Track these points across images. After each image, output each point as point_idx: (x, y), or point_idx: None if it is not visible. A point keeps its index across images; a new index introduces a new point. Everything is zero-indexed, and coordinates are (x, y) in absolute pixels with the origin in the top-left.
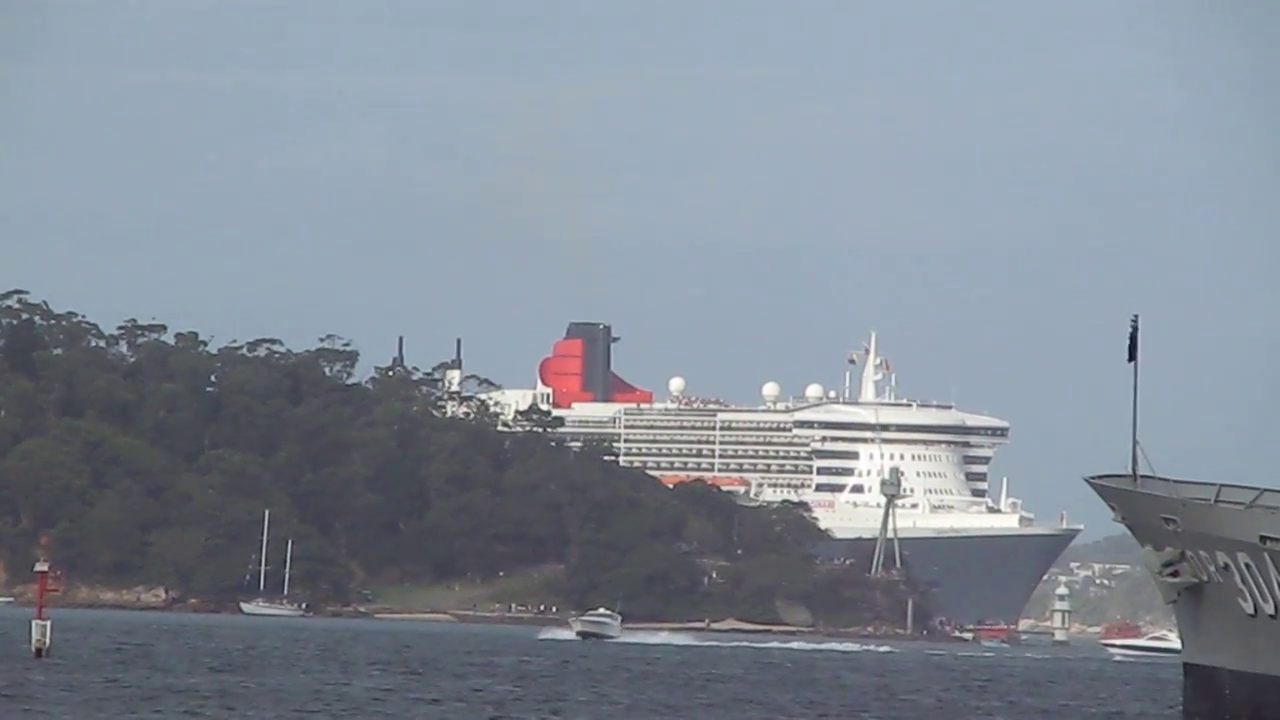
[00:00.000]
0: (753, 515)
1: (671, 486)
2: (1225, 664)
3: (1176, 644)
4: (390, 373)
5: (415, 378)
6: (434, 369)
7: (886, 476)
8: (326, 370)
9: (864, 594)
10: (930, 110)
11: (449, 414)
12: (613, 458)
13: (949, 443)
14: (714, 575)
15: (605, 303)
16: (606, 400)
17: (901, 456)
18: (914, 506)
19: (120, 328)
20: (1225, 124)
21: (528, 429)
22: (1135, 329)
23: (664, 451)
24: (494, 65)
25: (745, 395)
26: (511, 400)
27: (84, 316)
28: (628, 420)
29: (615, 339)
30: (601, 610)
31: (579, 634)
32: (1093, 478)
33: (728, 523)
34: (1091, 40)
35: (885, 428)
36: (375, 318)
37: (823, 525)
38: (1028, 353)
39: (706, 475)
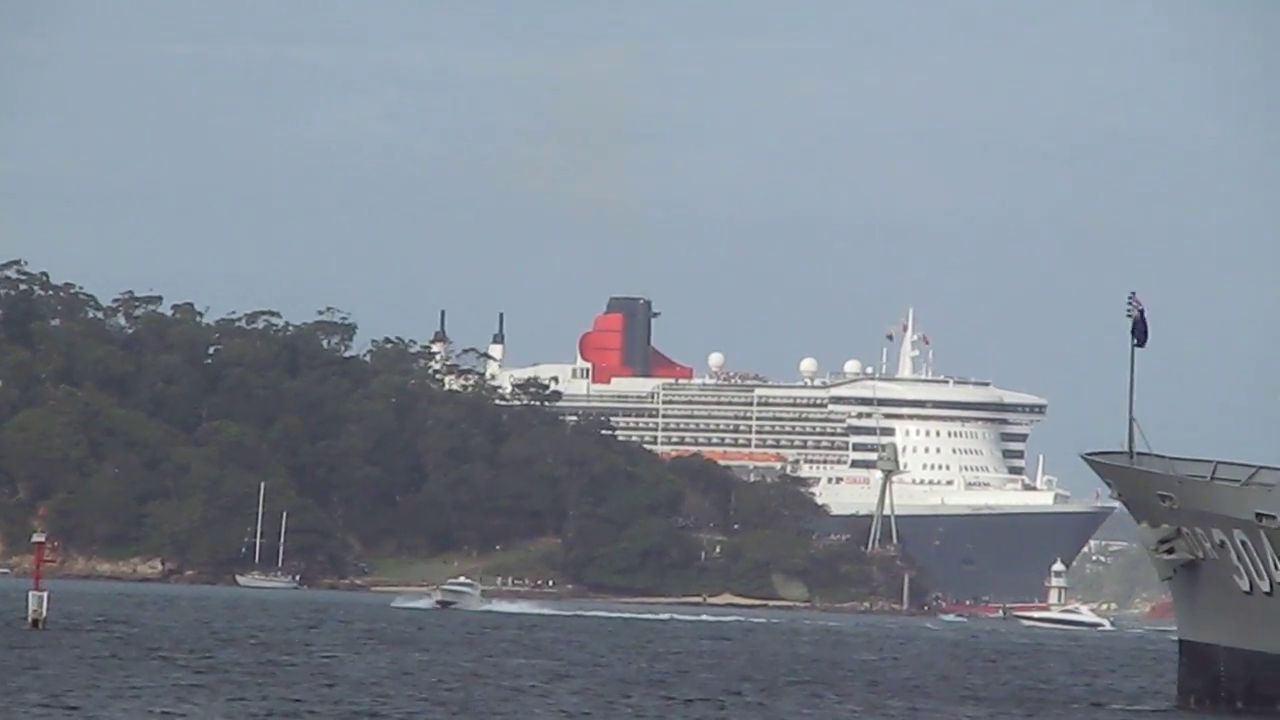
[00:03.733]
0: (750, 490)
1: (668, 461)
2: (1220, 641)
3: (1088, 618)
4: (431, 346)
5: (413, 350)
6: (430, 342)
7: (883, 451)
8: (324, 343)
9: (860, 569)
10: (971, 85)
11: (446, 387)
12: (610, 432)
13: (986, 419)
14: (715, 550)
15: (646, 277)
16: (646, 375)
17: (938, 433)
18: (949, 483)
19: (117, 299)
20: (1237, 99)
21: (525, 402)
22: (1141, 310)
23: (701, 427)
24: (517, 38)
25: (784, 371)
26: (551, 375)
27: (81, 288)
28: (666, 395)
29: (656, 314)
30: (461, 579)
31: (437, 603)
32: (1089, 454)
33: (725, 497)
34: (1120, 11)
35: (922, 404)
36: (411, 292)
37: (820, 500)
38: (1066, 330)
39: (744, 451)
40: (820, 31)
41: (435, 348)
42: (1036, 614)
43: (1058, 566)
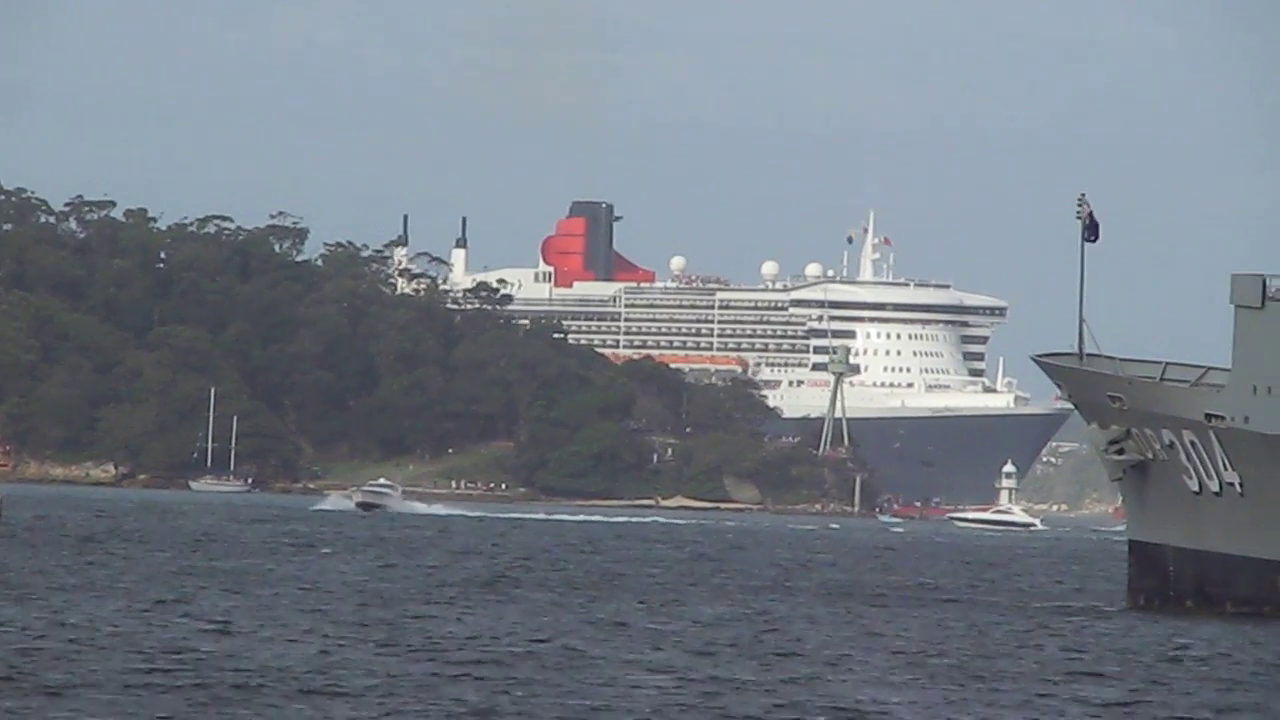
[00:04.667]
0: (702, 393)
1: (620, 364)
2: (1170, 541)
3: (1020, 518)
4: (384, 250)
5: (365, 254)
6: (385, 245)
7: (835, 354)
8: (276, 247)
9: (812, 472)
10: None
11: (399, 291)
12: (561, 335)
13: (946, 322)
14: (667, 453)
15: (608, 181)
16: (609, 279)
17: (898, 336)
18: (909, 386)
19: (69, 204)
20: (1192, 6)
21: (477, 306)
22: (1089, 210)
23: (664, 330)
24: None
25: (746, 274)
26: (513, 279)
27: (33, 192)
28: (628, 299)
29: (618, 218)
30: (381, 480)
31: (358, 505)
32: (1040, 355)
33: (676, 400)
34: None
35: (882, 306)
36: (373, 197)
37: (771, 404)
38: (1027, 233)
39: (705, 354)
40: None
41: (398, 252)
42: (972, 515)
43: (1008, 468)
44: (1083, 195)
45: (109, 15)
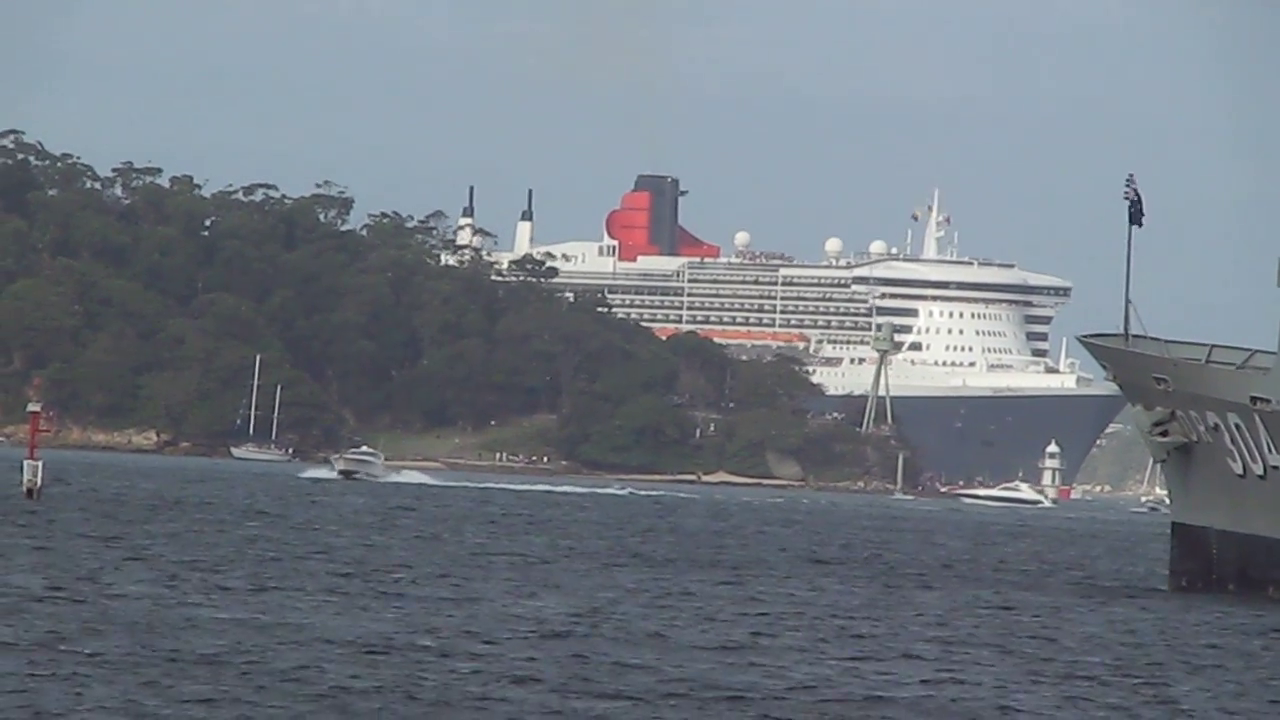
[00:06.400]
0: (746, 369)
1: (665, 339)
2: (1213, 524)
3: (1027, 495)
4: (428, 221)
5: (410, 225)
6: (428, 216)
7: (880, 332)
8: (321, 216)
9: (855, 449)
10: None
11: (444, 262)
12: (606, 309)
13: (1010, 302)
14: (710, 428)
15: (674, 156)
16: (673, 253)
17: (961, 315)
18: (971, 365)
19: (115, 170)
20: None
21: (521, 278)
22: (1137, 192)
23: (726, 306)
24: None
25: (810, 251)
26: (577, 252)
27: (79, 158)
28: (691, 274)
29: (683, 192)
30: (364, 449)
31: (340, 473)
32: (1085, 336)
33: (720, 376)
34: None
35: (945, 285)
36: (440, 169)
37: (828, 381)
38: (1092, 212)
39: (768, 331)
40: None
41: (463, 221)
42: (981, 492)
43: (1051, 448)
44: (1131, 175)
45: None
